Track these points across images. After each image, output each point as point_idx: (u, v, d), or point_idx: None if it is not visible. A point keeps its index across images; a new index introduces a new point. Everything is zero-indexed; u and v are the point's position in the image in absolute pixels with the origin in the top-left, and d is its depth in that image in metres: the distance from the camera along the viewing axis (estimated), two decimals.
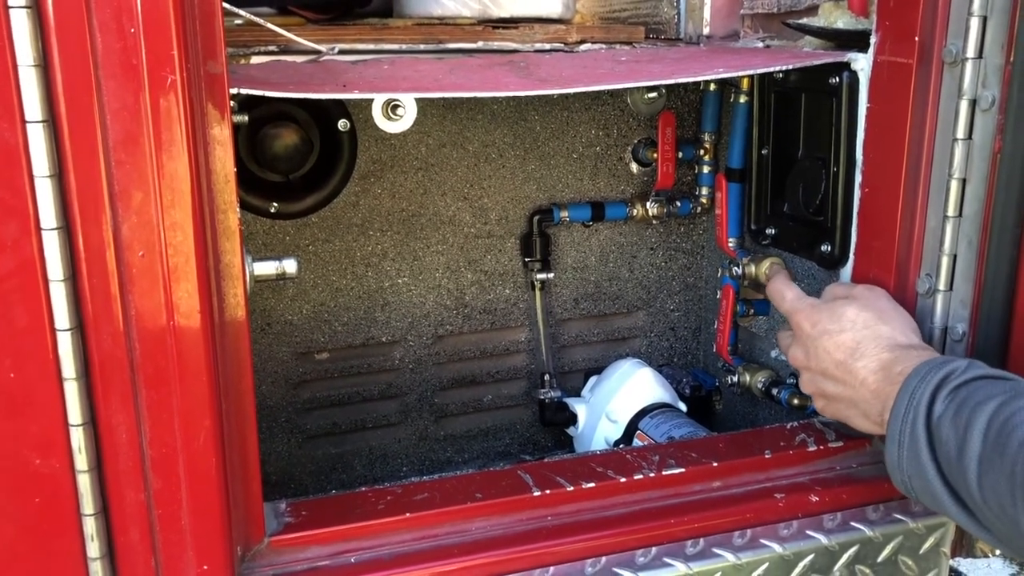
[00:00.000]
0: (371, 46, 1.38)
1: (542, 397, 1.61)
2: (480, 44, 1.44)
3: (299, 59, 1.25)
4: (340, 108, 1.36)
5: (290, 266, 0.95)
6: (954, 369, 0.95)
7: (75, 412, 0.81)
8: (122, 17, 0.75)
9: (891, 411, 0.98)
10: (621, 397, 1.49)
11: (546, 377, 1.61)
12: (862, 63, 1.18)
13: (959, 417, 0.90)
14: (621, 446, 1.45)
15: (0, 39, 0.73)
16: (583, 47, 1.50)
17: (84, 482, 0.83)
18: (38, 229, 0.77)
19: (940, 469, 0.92)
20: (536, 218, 1.54)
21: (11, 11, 0.72)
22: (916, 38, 1.07)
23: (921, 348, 1.04)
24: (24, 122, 0.74)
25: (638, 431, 1.44)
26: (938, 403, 0.93)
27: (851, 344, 1.06)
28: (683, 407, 1.51)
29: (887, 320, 1.07)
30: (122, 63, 0.76)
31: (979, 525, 0.91)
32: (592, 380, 1.60)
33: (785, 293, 1.22)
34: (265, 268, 0.95)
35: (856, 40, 1.21)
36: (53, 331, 0.79)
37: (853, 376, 1.05)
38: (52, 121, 0.76)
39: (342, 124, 1.35)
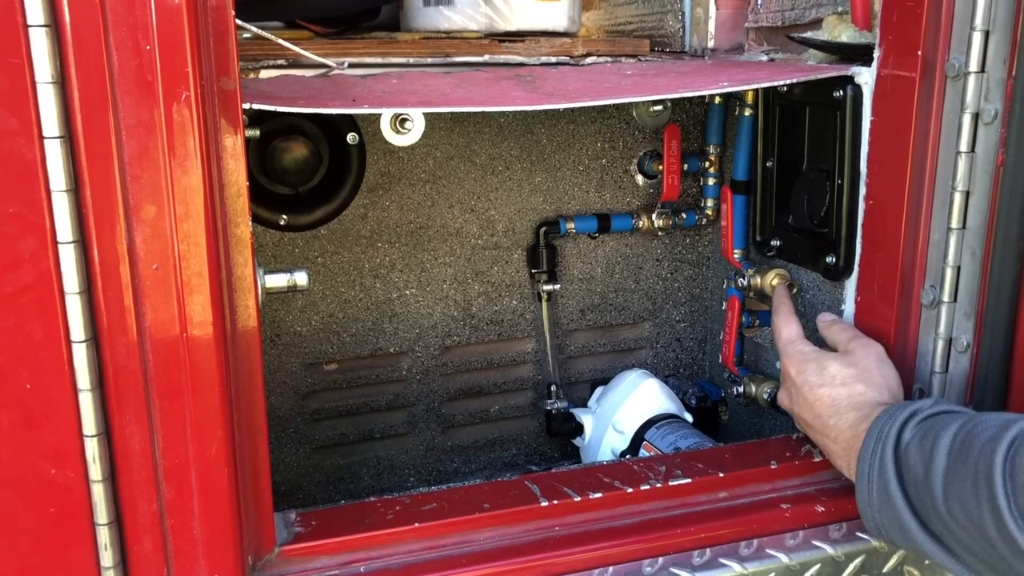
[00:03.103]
0: (379, 60, 1.39)
1: (549, 408, 1.61)
2: (487, 57, 1.45)
3: (308, 73, 1.27)
4: (349, 121, 1.37)
5: (301, 278, 0.96)
6: (921, 406, 0.98)
7: (90, 423, 0.82)
8: (138, 35, 0.77)
9: (859, 452, 1.01)
10: (627, 408, 1.50)
11: (552, 388, 1.62)
12: (866, 76, 1.19)
13: (925, 441, 0.93)
14: (627, 457, 1.46)
15: (19, 57, 0.74)
16: (589, 60, 1.52)
17: (98, 492, 0.84)
18: (55, 243, 0.78)
19: (907, 496, 0.94)
20: (543, 230, 1.55)
21: (30, 30, 0.74)
22: (919, 52, 1.09)
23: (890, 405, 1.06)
24: (42, 138, 0.76)
25: (644, 442, 1.45)
26: (906, 432, 0.96)
27: (828, 401, 1.10)
28: (689, 418, 1.51)
29: (867, 379, 1.10)
30: (138, 80, 0.78)
31: (947, 551, 0.92)
32: (598, 391, 1.61)
33: (782, 331, 1.24)
34: (277, 280, 0.96)
35: (860, 53, 1.23)
36: (68, 343, 0.80)
37: (827, 431, 1.09)
38: (69, 137, 0.77)
39: (351, 137, 1.36)
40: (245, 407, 0.92)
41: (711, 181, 1.58)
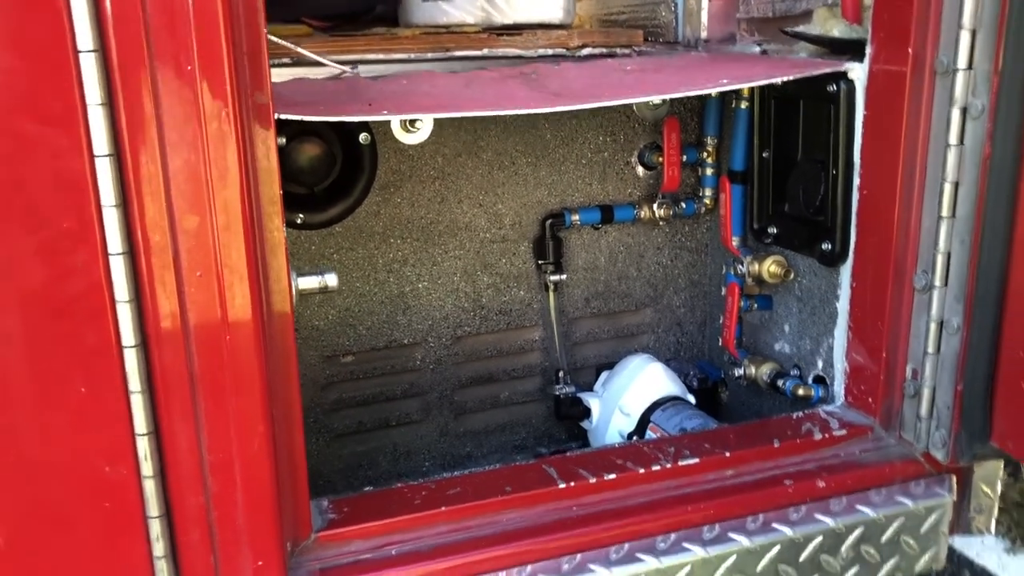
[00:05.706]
0: (381, 56, 1.44)
1: (557, 392, 1.67)
2: (485, 51, 1.49)
3: (315, 72, 1.31)
4: (361, 122, 1.41)
5: (331, 280, 1.01)
6: None
7: (141, 423, 0.88)
8: (180, 56, 0.82)
9: None
10: (633, 391, 1.56)
11: (560, 373, 1.68)
12: (858, 72, 1.24)
13: None
14: (635, 439, 1.51)
15: (70, 78, 0.79)
16: (585, 51, 1.56)
17: (149, 487, 0.89)
18: (105, 255, 0.83)
19: None
20: (548, 222, 1.61)
21: (80, 55, 0.78)
22: (909, 48, 1.14)
23: None
24: (92, 156, 0.81)
25: (650, 423, 1.51)
26: None
27: None
28: (692, 399, 1.57)
29: None
30: (180, 99, 0.82)
31: None
32: (604, 375, 1.67)
33: None
34: (309, 282, 1.01)
35: (851, 48, 1.27)
36: (120, 348, 0.85)
37: None
38: (117, 155, 0.82)
39: (363, 137, 1.41)
40: (282, 403, 0.97)
41: (709, 171, 1.63)
